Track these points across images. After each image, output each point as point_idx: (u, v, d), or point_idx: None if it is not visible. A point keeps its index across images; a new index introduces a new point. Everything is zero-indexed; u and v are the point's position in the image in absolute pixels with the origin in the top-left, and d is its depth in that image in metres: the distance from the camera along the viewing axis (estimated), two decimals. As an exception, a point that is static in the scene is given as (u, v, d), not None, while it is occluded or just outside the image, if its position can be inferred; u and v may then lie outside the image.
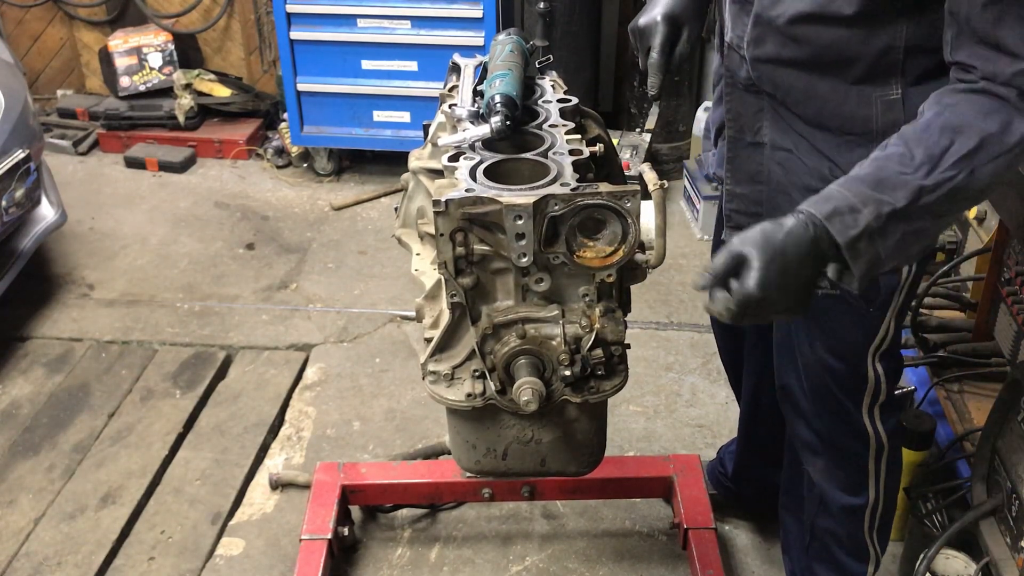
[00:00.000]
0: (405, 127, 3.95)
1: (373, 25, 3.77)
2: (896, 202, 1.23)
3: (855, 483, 1.81)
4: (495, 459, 1.51)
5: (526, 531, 2.39)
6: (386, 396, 2.86)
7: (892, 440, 1.78)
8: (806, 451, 1.85)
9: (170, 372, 2.95)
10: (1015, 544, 1.87)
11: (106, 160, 4.35)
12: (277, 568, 2.29)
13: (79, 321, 3.21)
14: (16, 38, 4.66)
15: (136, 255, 3.61)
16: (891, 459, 1.80)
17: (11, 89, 3.11)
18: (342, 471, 2.30)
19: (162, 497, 2.51)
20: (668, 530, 2.36)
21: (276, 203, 3.99)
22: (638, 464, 2.39)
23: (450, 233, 1.28)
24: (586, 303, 1.36)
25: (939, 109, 1.26)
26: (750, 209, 1.63)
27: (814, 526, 1.93)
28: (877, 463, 1.79)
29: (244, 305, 3.30)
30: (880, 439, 1.76)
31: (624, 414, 2.73)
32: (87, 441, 2.67)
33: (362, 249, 3.65)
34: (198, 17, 4.50)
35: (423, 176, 1.61)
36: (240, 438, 2.69)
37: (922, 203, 1.23)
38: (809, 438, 1.82)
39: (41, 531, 2.40)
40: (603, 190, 1.27)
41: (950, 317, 2.48)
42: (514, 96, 1.47)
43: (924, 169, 1.23)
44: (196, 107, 4.34)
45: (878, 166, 1.26)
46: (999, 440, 1.94)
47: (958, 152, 1.23)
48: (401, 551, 2.34)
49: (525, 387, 1.33)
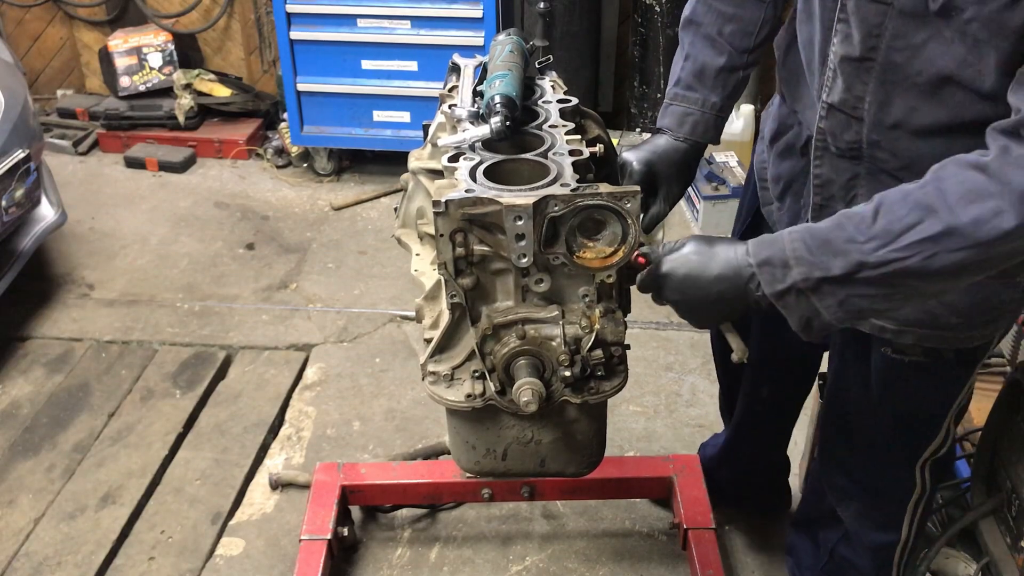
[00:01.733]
0: (405, 127, 3.95)
1: (373, 25, 3.77)
2: (830, 270, 1.17)
3: (890, 523, 1.75)
4: (495, 460, 1.51)
5: (526, 531, 2.39)
6: (386, 396, 2.86)
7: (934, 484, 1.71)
8: (841, 496, 1.79)
9: (170, 372, 2.95)
10: (1015, 544, 1.87)
11: (106, 160, 4.35)
12: (277, 568, 2.29)
13: (79, 321, 3.21)
14: (16, 38, 4.66)
15: (136, 255, 3.61)
16: (928, 501, 1.73)
17: (11, 89, 3.11)
18: (342, 471, 2.30)
19: (162, 497, 2.51)
20: (668, 530, 2.36)
21: (276, 203, 3.99)
22: (638, 464, 2.39)
23: (450, 234, 1.28)
24: (586, 304, 1.36)
25: (931, 178, 1.14)
26: None
27: (835, 552, 1.90)
28: (916, 506, 1.72)
29: (244, 305, 3.30)
30: (925, 487, 1.69)
31: (624, 414, 2.73)
32: (87, 441, 2.67)
33: (362, 249, 3.65)
34: (198, 17, 4.50)
35: (423, 176, 1.61)
36: (240, 438, 2.69)
37: (861, 276, 1.15)
38: (847, 486, 1.77)
39: (41, 531, 2.40)
40: (603, 191, 1.26)
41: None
42: (514, 96, 1.47)
43: (875, 243, 1.14)
44: (196, 107, 4.34)
45: (835, 224, 1.19)
46: (999, 440, 1.94)
47: (921, 233, 1.11)
48: (401, 551, 2.34)
49: (525, 388, 1.33)
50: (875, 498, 1.74)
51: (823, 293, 1.19)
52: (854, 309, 1.20)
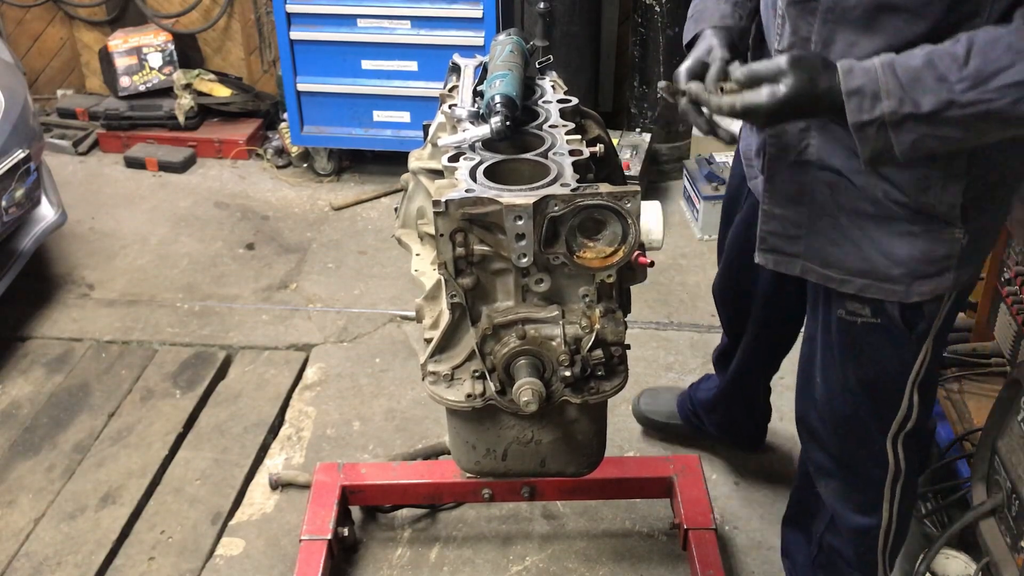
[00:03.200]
0: (405, 127, 3.95)
1: (373, 25, 3.77)
2: (920, 107, 1.19)
3: (869, 505, 1.77)
4: (495, 460, 1.51)
5: (526, 531, 2.39)
6: (386, 396, 2.86)
7: (910, 466, 1.73)
8: (820, 472, 1.83)
9: (170, 372, 2.95)
10: (1015, 544, 1.87)
11: (106, 160, 4.35)
12: (277, 568, 2.29)
13: (79, 321, 3.21)
14: (16, 38, 4.66)
15: (136, 255, 3.61)
16: (907, 484, 1.75)
17: (11, 89, 3.11)
18: (342, 471, 2.30)
19: (162, 497, 2.51)
20: (668, 530, 2.36)
21: (276, 203, 4.00)
22: (638, 464, 2.39)
23: (450, 233, 1.28)
24: (586, 304, 1.36)
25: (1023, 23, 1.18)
26: (789, 232, 1.56)
27: (823, 541, 1.92)
28: (893, 487, 1.74)
29: (244, 305, 3.30)
30: (899, 465, 1.70)
31: (624, 414, 2.73)
32: (87, 441, 2.68)
33: (362, 249, 3.65)
34: (198, 17, 4.50)
35: (423, 176, 1.61)
36: (240, 438, 2.69)
37: (948, 115, 1.19)
38: (824, 461, 1.80)
39: (41, 531, 2.40)
40: (603, 191, 1.27)
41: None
42: (514, 96, 1.48)
43: (966, 83, 1.17)
44: (196, 107, 4.34)
45: (926, 61, 1.21)
46: (999, 440, 1.94)
47: (1013, 77, 1.16)
48: (401, 551, 2.34)
49: (525, 388, 1.33)
50: (852, 475, 1.76)
51: (905, 129, 1.22)
52: (925, 148, 1.24)
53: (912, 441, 1.69)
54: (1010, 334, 2.14)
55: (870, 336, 1.58)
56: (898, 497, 1.75)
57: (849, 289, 1.53)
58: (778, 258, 1.60)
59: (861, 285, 1.52)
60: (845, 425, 1.71)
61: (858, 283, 1.52)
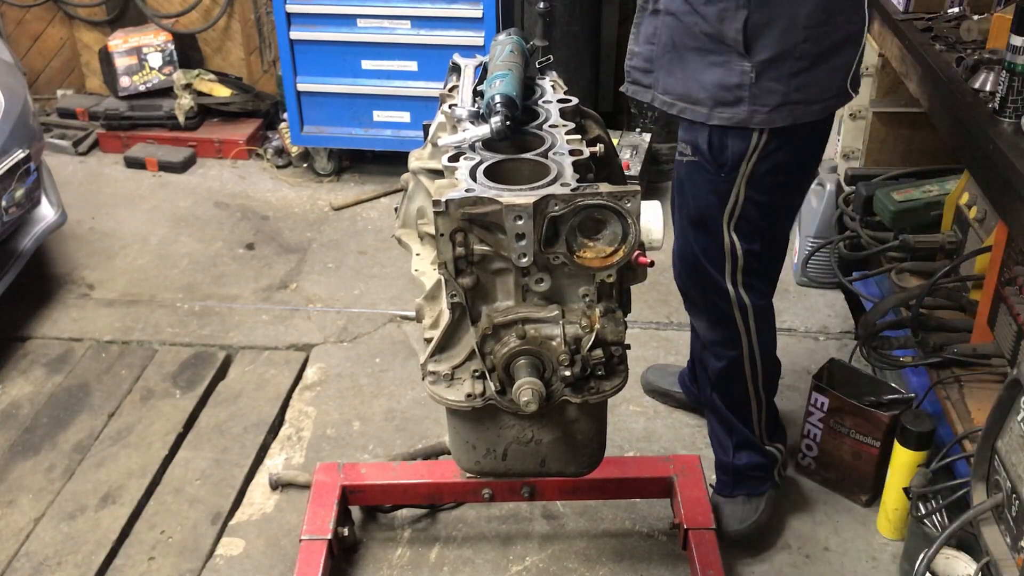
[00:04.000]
0: (405, 127, 3.95)
1: (373, 25, 3.77)
2: None
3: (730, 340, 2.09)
4: (495, 459, 1.51)
5: (526, 531, 2.39)
6: (386, 396, 2.86)
7: (757, 304, 2.04)
8: (690, 306, 2.20)
9: (170, 372, 2.95)
10: (1015, 544, 1.87)
11: (106, 160, 4.35)
12: (277, 568, 2.29)
13: (79, 321, 3.21)
14: (16, 38, 4.66)
15: (136, 255, 3.61)
16: (759, 318, 2.06)
17: (11, 89, 3.11)
18: (342, 471, 2.30)
19: (162, 497, 2.51)
20: (668, 530, 2.36)
21: (276, 203, 4.00)
22: (638, 464, 2.38)
23: (450, 233, 1.28)
24: (586, 303, 1.36)
25: None
26: (643, 66, 1.94)
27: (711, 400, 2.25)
28: (745, 321, 2.05)
29: (244, 305, 3.30)
30: (742, 300, 2.02)
31: (624, 414, 2.73)
32: (87, 441, 2.67)
33: (362, 249, 3.65)
34: (198, 17, 4.50)
35: (423, 176, 1.61)
36: (240, 438, 2.69)
37: None
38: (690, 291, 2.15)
39: (41, 531, 2.40)
40: (603, 190, 1.27)
41: (950, 317, 2.48)
42: (514, 96, 1.48)
43: None
44: (196, 107, 4.34)
45: None
46: (999, 440, 1.94)
47: None
48: (401, 551, 2.34)
49: (525, 387, 1.33)
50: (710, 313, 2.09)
51: None
52: None
53: (750, 280, 2.01)
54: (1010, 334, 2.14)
55: (693, 175, 1.93)
56: (753, 332, 2.07)
57: (674, 111, 1.88)
58: (636, 88, 1.99)
59: (681, 108, 1.87)
60: (691, 265, 2.06)
61: (679, 106, 1.87)
